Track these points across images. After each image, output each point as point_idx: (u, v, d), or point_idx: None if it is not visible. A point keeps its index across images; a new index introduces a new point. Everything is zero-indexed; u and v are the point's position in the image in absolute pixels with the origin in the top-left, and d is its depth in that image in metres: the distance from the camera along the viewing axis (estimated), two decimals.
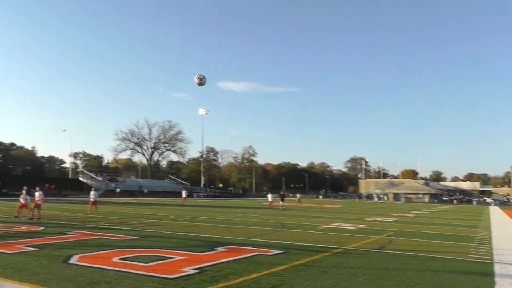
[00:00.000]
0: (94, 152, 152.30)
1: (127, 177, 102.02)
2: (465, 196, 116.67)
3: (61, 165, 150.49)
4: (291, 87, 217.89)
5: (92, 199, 29.50)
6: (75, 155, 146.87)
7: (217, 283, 7.75)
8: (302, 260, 10.34)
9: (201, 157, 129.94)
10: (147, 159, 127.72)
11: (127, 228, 17.82)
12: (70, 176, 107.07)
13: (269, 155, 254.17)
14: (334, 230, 18.70)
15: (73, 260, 9.81)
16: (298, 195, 64.52)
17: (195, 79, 17.28)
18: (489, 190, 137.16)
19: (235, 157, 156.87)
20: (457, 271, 9.82)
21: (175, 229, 18.05)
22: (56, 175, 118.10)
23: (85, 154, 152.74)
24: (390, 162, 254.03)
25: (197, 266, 9.23)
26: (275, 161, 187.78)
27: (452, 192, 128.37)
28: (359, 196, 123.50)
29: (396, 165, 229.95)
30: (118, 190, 79.69)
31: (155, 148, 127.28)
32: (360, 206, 57.85)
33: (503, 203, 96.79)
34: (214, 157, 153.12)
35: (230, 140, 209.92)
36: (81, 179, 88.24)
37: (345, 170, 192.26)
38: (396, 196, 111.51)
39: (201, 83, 17.33)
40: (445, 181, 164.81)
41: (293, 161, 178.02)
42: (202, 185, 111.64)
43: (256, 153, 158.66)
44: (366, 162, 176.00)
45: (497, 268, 10.22)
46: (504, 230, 22.00)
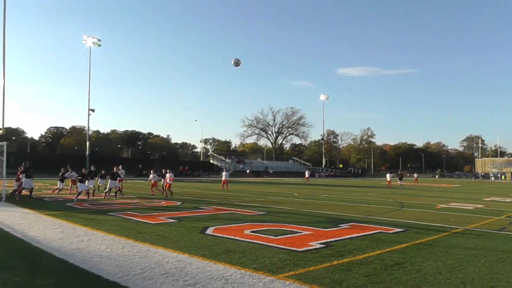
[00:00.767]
0: (222, 138, 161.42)
1: (253, 159, 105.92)
2: None
3: (193, 150, 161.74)
4: (408, 69, 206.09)
5: (224, 179, 31.24)
6: (206, 141, 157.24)
7: (342, 257, 7.65)
8: (422, 239, 9.91)
9: (322, 139, 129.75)
10: (272, 143, 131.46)
11: (255, 205, 18.41)
12: (201, 159, 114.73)
13: (386, 136, 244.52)
14: (452, 210, 17.59)
15: (209, 231, 10.41)
16: (415, 174, 60.97)
17: (232, 62, 20.52)
18: None
19: (354, 139, 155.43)
20: None
21: (299, 206, 18.22)
22: (189, 159, 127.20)
23: (214, 140, 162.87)
24: (508, 139, 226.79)
25: (323, 241, 9.21)
26: (392, 141, 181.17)
27: None
28: (475, 176, 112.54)
29: None
30: (247, 171, 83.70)
31: (279, 133, 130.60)
32: (476, 185, 52.85)
33: None
34: (334, 139, 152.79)
35: (349, 123, 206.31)
36: (211, 161, 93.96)
37: (460, 149, 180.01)
38: None
39: (237, 64, 20.53)
40: None
41: (409, 142, 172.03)
42: (323, 165, 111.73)
43: (374, 134, 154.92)
44: (482, 140, 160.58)
45: None
46: None
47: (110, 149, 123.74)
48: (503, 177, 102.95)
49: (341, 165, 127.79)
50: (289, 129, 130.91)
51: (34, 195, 20.52)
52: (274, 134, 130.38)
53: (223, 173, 32.08)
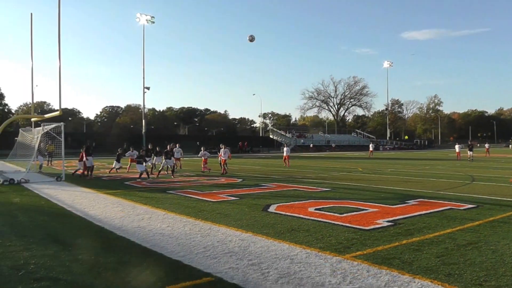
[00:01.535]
0: (282, 112, 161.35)
1: (314, 133, 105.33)
2: None
3: (252, 125, 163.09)
4: (478, 28, 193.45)
5: (285, 154, 31.36)
6: (265, 115, 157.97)
7: (411, 236, 7.43)
8: (496, 216, 9.43)
9: (386, 109, 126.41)
10: (333, 115, 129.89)
11: (318, 181, 18.39)
12: (260, 134, 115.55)
13: (455, 104, 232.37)
14: None
15: (272, 209, 10.46)
16: (486, 145, 57.37)
17: (248, 38, 22.54)
18: None
19: (420, 108, 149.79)
20: None
21: (364, 181, 18.01)
22: (247, 134, 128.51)
23: (273, 114, 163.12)
24: None
25: (390, 219, 9.01)
26: (462, 109, 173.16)
27: None
28: None
29: None
30: (311, 145, 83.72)
31: (340, 104, 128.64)
32: None
33: None
34: (399, 109, 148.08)
35: (415, 91, 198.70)
36: (271, 136, 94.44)
37: None
38: None
39: (251, 40, 22.49)
40: None
41: (480, 108, 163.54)
42: (387, 137, 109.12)
43: (441, 102, 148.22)
44: None
45: None
46: None
47: (166, 126, 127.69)
48: None
49: (406, 137, 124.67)
50: (352, 99, 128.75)
51: (94, 174, 21.60)
52: (335, 106, 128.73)
53: (284, 148, 32.30)
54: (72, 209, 10.91)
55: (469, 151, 38.95)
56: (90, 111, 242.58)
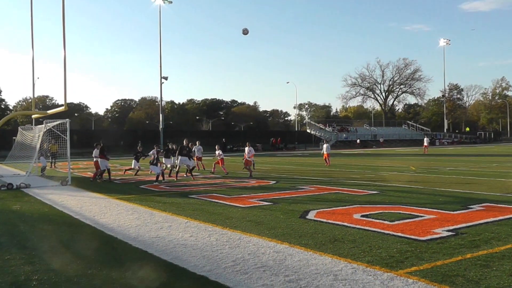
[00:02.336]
0: (320, 102, 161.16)
1: (359, 125, 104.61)
2: None
3: (286, 118, 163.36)
4: None
5: (325, 152, 31.24)
6: (300, 107, 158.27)
7: (477, 249, 7.22)
8: None
9: (443, 96, 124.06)
10: (381, 104, 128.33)
11: (364, 182, 18.31)
12: (296, 129, 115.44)
13: None
14: None
15: (311, 216, 10.43)
16: None
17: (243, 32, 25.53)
18: None
19: (483, 94, 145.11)
20: None
21: (418, 183, 17.80)
22: (281, 129, 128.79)
23: (310, 105, 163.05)
24: None
25: (451, 228, 8.83)
26: None
27: None
28: None
29: None
30: (358, 141, 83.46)
31: (389, 91, 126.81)
32: None
33: None
34: (458, 96, 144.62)
35: (477, 73, 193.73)
36: (308, 131, 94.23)
37: None
38: None
39: (245, 33, 25.18)
40: None
41: None
42: (445, 130, 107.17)
43: (510, 85, 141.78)
44: None
45: None
46: None
47: (187, 121, 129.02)
48: None
49: (467, 129, 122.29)
50: (402, 86, 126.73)
51: (105, 176, 21.99)
52: (383, 94, 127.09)
53: (323, 144, 32.21)
54: (80, 217, 11.11)
55: None
56: (99, 105, 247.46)
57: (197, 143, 26.27)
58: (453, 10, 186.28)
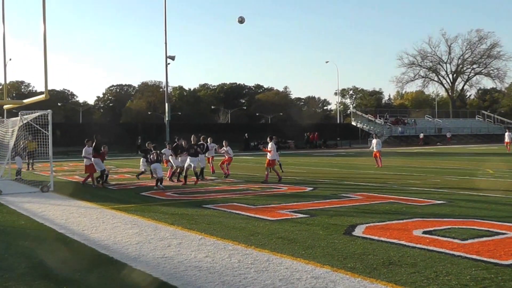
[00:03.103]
0: (369, 87, 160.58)
1: (418, 116, 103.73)
2: None
3: (325, 108, 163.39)
4: None
5: (375, 149, 31.22)
6: (343, 93, 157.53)
7: None
8: None
9: None
10: (447, 90, 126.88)
11: (427, 189, 18.21)
12: (338, 121, 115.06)
13: None
14: None
15: (358, 231, 10.39)
16: None
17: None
18: None
19: None
20: None
21: (498, 191, 17.60)
22: (318, 121, 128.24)
23: (356, 90, 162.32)
24: None
25: None
26: None
27: None
28: None
29: None
30: (421, 136, 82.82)
31: (457, 73, 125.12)
32: None
33: None
34: None
35: None
36: (353, 123, 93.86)
37: None
38: None
39: (241, 21, 31.15)
40: None
41: None
42: None
43: None
44: None
45: None
46: None
47: (199, 112, 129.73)
48: None
49: None
50: (475, 65, 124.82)
51: (89, 182, 22.22)
52: (450, 76, 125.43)
53: (373, 140, 31.99)
54: (66, 232, 11.24)
55: None
56: (89, 93, 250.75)
57: (208, 140, 26.40)
58: None
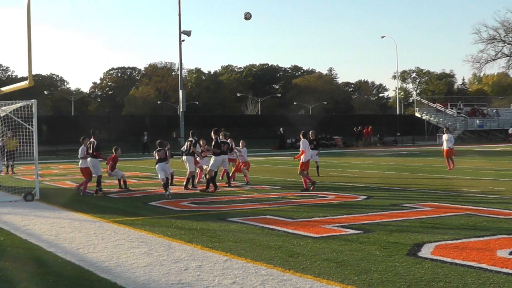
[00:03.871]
0: (436, 69, 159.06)
1: (501, 106, 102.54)
2: None
3: (380, 95, 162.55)
4: None
5: (445, 147, 31.11)
6: (403, 76, 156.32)
7: None
8: None
9: None
10: None
11: (510, 197, 18.18)
12: (397, 111, 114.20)
13: None
14: None
15: (426, 252, 10.33)
16: None
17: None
18: None
19: None
20: None
21: None
22: (373, 111, 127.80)
23: (420, 73, 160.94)
24: None
25: None
26: None
27: None
28: None
29: None
30: (510, 131, 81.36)
31: None
32: None
33: None
34: None
35: None
36: (417, 114, 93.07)
37: None
38: None
39: (247, 17, 35.06)
40: None
41: None
42: None
43: None
44: None
45: None
46: None
47: (221, 100, 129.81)
48: None
49: None
50: None
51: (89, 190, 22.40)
52: None
53: (443, 136, 31.71)
54: (56, 250, 11.32)
55: None
56: (83, 78, 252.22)
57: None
58: None
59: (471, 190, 20.67)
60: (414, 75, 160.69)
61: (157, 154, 21.69)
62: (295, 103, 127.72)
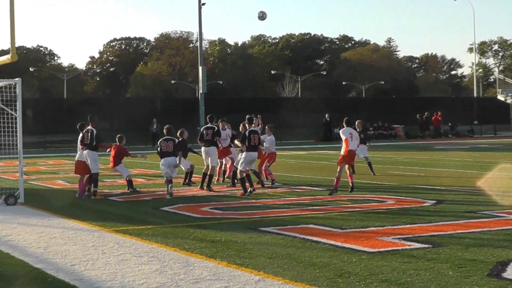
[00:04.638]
0: None
1: None
2: None
3: (452, 72, 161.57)
4: None
5: None
6: (482, 49, 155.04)
7: None
8: None
9: None
10: None
11: None
12: (474, 94, 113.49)
13: None
14: None
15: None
16: None
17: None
18: None
19: None
20: None
21: None
22: (442, 94, 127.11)
23: (504, 45, 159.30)
24: None
25: None
26: None
27: None
28: None
29: None
30: None
31: None
32: None
33: None
34: None
35: None
36: (500, 97, 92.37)
37: None
38: None
39: (262, 17, 53.38)
40: None
41: None
42: None
43: None
44: None
45: None
46: None
47: (251, 79, 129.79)
48: None
49: None
50: None
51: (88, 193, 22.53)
52: None
53: None
54: (45, 267, 11.37)
55: None
56: (78, 51, 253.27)
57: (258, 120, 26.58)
58: None
59: None
60: (496, 47, 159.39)
61: (163, 146, 21.81)
62: (344, 83, 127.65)
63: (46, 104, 72.61)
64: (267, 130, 25.88)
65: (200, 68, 69.03)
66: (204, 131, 24.47)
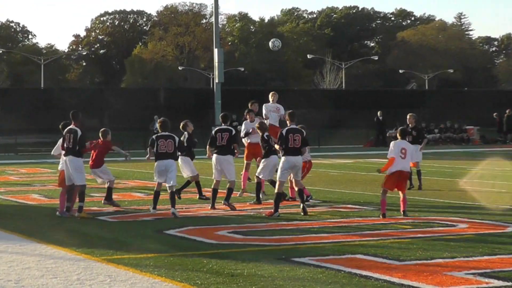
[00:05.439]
0: None
1: None
2: None
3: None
4: None
5: None
6: None
7: None
8: None
9: None
10: None
11: None
12: None
13: None
14: None
15: None
16: None
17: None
18: None
19: None
20: None
21: None
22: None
23: None
24: None
25: None
26: None
27: None
28: None
29: None
30: None
31: None
32: None
33: None
34: None
35: None
36: None
37: None
38: None
39: (274, 46, 55.15)
40: None
41: None
42: None
43: None
44: None
45: None
46: None
47: (281, 66, 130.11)
48: None
49: None
50: None
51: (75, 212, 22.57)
52: None
53: None
54: None
55: None
56: (58, 29, 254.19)
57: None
58: None
59: None
60: None
61: (161, 145, 21.78)
62: (401, 71, 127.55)
63: (18, 96, 73.03)
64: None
65: (215, 51, 69.14)
66: (218, 135, 24.01)
